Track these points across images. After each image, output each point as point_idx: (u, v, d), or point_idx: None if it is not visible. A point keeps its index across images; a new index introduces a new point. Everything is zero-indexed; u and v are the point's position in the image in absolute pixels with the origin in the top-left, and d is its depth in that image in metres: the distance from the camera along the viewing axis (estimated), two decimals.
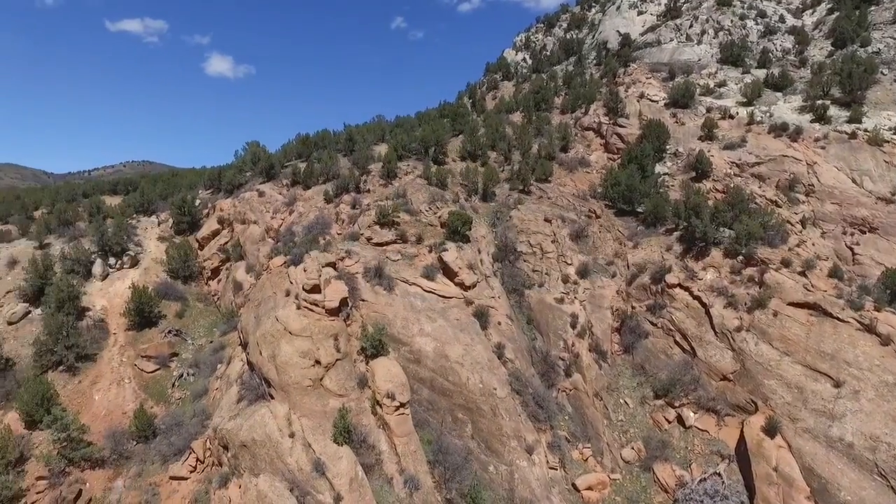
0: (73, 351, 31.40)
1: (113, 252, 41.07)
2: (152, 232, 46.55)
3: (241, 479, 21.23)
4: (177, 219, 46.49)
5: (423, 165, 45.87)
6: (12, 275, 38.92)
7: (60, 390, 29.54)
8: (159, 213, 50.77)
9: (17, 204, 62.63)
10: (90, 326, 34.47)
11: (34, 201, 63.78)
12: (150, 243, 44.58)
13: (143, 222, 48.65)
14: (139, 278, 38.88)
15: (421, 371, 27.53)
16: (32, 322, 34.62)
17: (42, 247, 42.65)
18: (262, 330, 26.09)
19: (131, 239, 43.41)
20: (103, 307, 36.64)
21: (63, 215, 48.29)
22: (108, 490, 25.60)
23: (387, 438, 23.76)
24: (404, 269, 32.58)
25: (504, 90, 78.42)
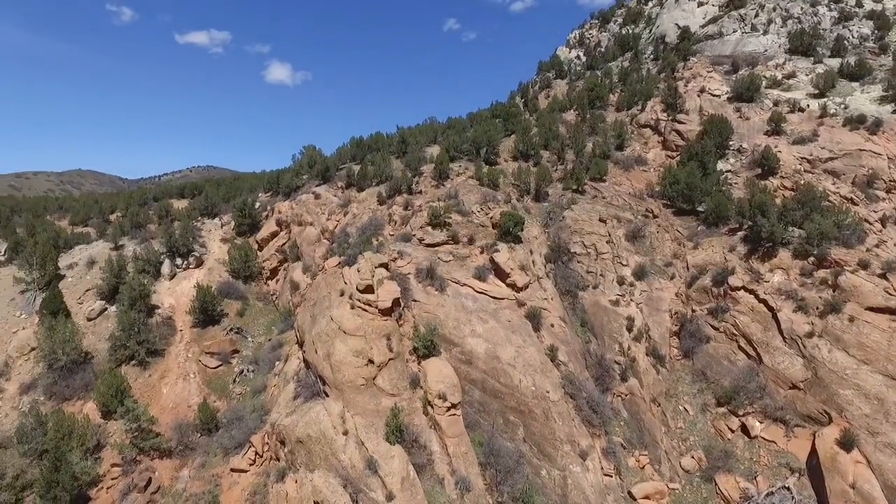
0: (143, 346, 33.30)
1: (180, 253, 43.27)
2: (216, 233, 48.70)
3: (297, 474, 21.82)
4: (238, 221, 48.43)
5: (475, 166, 45.79)
6: (91, 274, 41.74)
7: (132, 383, 31.34)
8: (222, 215, 53.09)
9: (95, 208, 67.16)
10: (159, 323, 36.41)
11: (110, 205, 68.20)
12: (213, 244, 46.67)
13: (207, 224, 51.01)
14: (203, 278, 40.71)
15: (472, 372, 27.44)
16: (108, 318, 36.97)
17: (117, 248, 45.48)
18: (317, 329, 26.72)
19: (196, 240, 45.57)
20: (171, 305, 38.61)
21: (135, 218, 51.39)
22: (175, 479, 26.92)
23: (438, 439, 23.81)
24: (456, 269, 32.59)
25: (557, 89, 77.21)
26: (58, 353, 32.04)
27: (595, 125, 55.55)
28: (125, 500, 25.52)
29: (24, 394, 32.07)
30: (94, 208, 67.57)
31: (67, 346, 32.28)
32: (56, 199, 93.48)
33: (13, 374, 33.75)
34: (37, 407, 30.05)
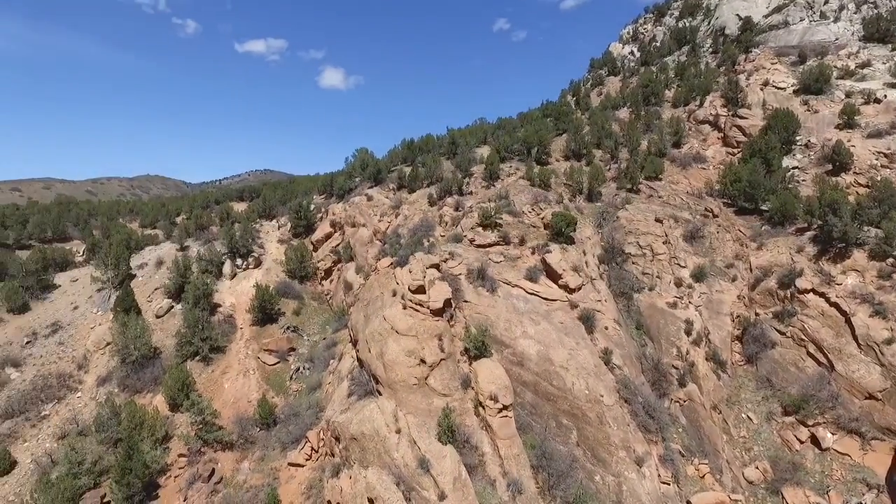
0: (207, 343, 34.91)
1: (240, 254, 45.10)
2: (273, 235, 50.45)
3: (351, 470, 22.28)
4: (294, 223, 49.99)
5: (526, 166, 45.44)
6: (159, 273, 44.13)
7: (197, 378, 32.89)
8: (279, 217, 54.96)
9: (162, 211, 70.98)
10: (221, 321, 38.05)
11: (176, 209, 71.93)
12: (271, 245, 48.36)
13: (265, 226, 52.92)
14: (262, 278, 42.25)
15: (524, 374, 27.22)
16: (175, 316, 38.97)
17: (182, 249, 47.87)
18: (370, 328, 27.21)
19: (255, 241, 47.37)
20: (232, 304, 40.27)
21: (199, 221, 53.98)
22: (236, 471, 28.05)
23: (489, 440, 23.75)
24: (507, 270, 32.44)
25: (610, 86, 75.55)
26: (130, 348, 34.07)
27: (650, 122, 54.02)
28: (191, 489, 26.80)
29: (100, 385, 34.27)
30: (162, 211, 71.49)
31: (138, 342, 34.26)
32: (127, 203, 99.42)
33: (91, 367, 36.13)
34: (112, 398, 32.06)
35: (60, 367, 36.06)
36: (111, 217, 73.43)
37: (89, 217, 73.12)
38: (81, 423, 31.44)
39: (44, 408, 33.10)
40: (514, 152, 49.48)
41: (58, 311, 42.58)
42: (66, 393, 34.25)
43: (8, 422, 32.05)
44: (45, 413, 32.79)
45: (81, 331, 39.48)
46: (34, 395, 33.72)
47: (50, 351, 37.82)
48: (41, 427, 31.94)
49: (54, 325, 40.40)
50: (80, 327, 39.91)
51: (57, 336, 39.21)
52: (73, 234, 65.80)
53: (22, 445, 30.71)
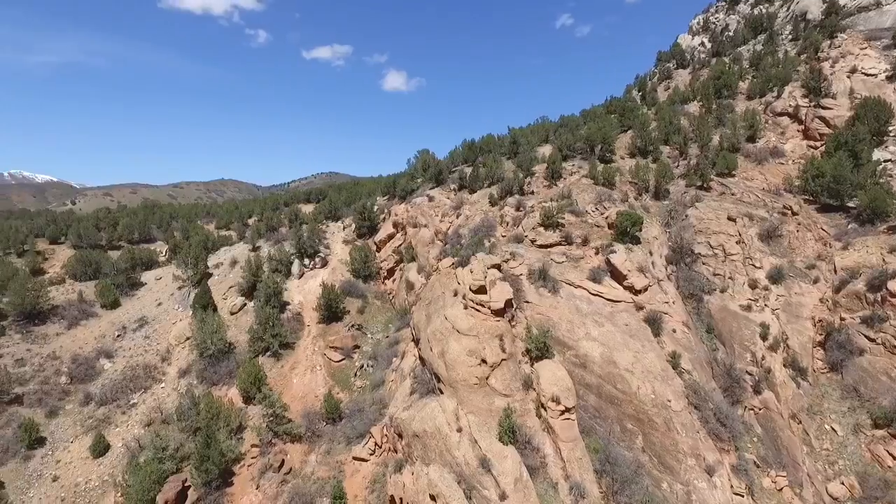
0: (277, 339, 36.52)
1: (307, 254, 46.86)
2: (338, 235, 52.08)
3: (413, 466, 22.66)
4: (358, 223, 51.36)
5: (589, 164, 44.50)
6: (233, 273, 46.59)
7: (268, 372, 34.49)
8: (344, 218, 56.65)
9: (235, 213, 74.81)
10: (290, 318, 39.69)
11: (248, 211, 75.61)
12: (336, 246, 49.94)
13: (330, 227, 54.71)
14: (328, 277, 43.71)
15: (587, 376, 26.71)
16: (248, 313, 41.01)
17: (254, 249, 50.30)
18: (431, 328, 27.54)
19: (321, 242, 49.06)
20: (300, 302, 41.91)
21: (269, 222, 56.54)
22: (304, 463, 29.19)
23: (551, 442, 23.48)
24: (569, 271, 31.92)
25: (678, 79, 72.60)
26: (207, 342, 36.20)
27: (722, 116, 51.51)
28: (263, 478, 28.17)
29: (181, 377, 36.63)
30: (235, 213, 75.43)
31: (215, 337, 36.36)
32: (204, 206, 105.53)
33: (173, 360, 38.68)
34: (191, 389, 34.21)
35: (146, 359, 38.86)
36: (190, 219, 78.25)
37: (171, 219, 78.25)
38: (165, 412, 33.77)
39: (132, 396, 35.78)
40: (576, 151, 48.57)
41: (144, 307, 45.90)
42: (151, 383, 36.87)
43: (102, 408, 34.91)
44: (133, 401, 35.43)
45: (164, 325, 42.35)
46: (124, 385, 36.56)
47: (137, 344, 40.83)
48: (130, 414, 34.56)
49: (141, 320, 43.57)
50: (164, 322, 42.81)
51: (143, 330, 42.27)
52: (157, 235, 70.65)
53: (114, 430, 33.35)
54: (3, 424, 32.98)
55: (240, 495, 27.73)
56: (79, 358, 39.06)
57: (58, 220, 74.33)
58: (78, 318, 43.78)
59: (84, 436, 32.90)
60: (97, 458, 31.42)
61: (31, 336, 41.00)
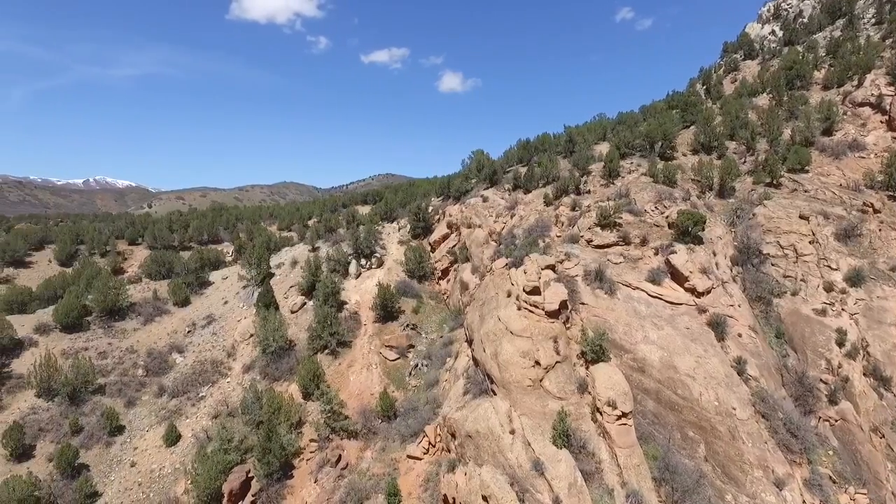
0: (334, 338, 37.54)
1: (364, 254, 47.91)
2: (394, 236, 52.92)
3: (466, 467, 22.72)
4: (413, 224, 51.99)
5: (648, 162, 43.12)
6: (294, 272, 48.25)
7: (326, 369, 35.50)
8: (399, 219, 57.51)
9: (296, 215, 77.43)
10: (347, 317, 40.69)
11: (308, 212, 78.09)
12: (391, 246, 50.77)
13: (386, 228, 55.67)
14: (384, 277, 44.49)
15: (645, 381, 25.90)
16: (307, 312, 42.36)
17: (314, 250, 51.90)
18: (485, 328, 27.51)
19: (377, 242, 50.01)
20: (356, 301, 42.89)
21: (328, 224, 58.17)
22: (360, 459, 29.84)
23: (607, 447, 22.92)
24: (627, 272, 31.06)
25: (746, 70, 69.08)
26: (269, 340, 37.68)
27: (794, 108, 48.59)
28: (321, 472, 29.03)
29: (245, 372, 38.30)
30: (296, 215, 78.11)
31: (276, 335, 37.78)
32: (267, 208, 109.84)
33: (238, 356, 40.50)
34: (255, 384, 35.71)
35: (214, 355, 40.89)
36: (254, 221, 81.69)
37: (236, 221, 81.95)
38: (230, 405, 35.42)
39: (201, 390, 37.73)
40: (635, 148, 47.17)
41: (211, 305, 48.32)
42: (218, 378, 38.76)
43: (174, 400, 37.02)
44: (202, 394, 37.37)
45: (230, 323, 44.43)
46: (193, 378, 38.63)
47: (205, 340, 43.03)
48: (199, 406, 36.46)
49: (209, 317, 45.89)
50: (229, 320, 44.92)
51: (211, 327, 44.50)
52: (224, 236, 74.20)
53: (185, 421, 35.28)
54: (88, 412, 35.58)
55: (299, 488, 28.70)
56: (153, 352, 41.62)
57: (135, 223, 79.52)
58: (153, 314, 46.64)
59: (158, 425, 35.00)
60: (170, 446, 33.36)
61: (112, 331, 44.03)
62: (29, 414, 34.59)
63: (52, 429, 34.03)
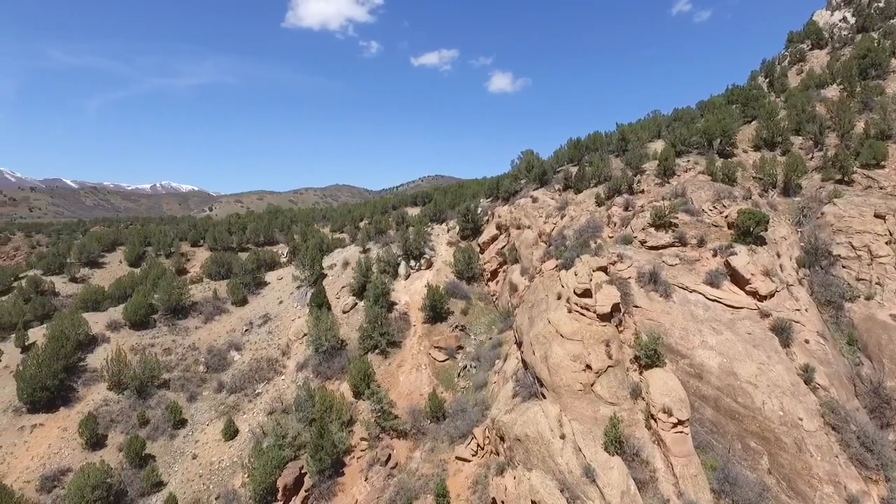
0: (384, 338, 38.02)
1: (413, 255, 48.31)
2: (443, 237, 53.12)
3: (515, 470, 22.48)
4: (462, 225, 52.01)
5: (706, 160, 41.39)
6: (345, 273, 49.22)
7: (376, 369, 36.01)
8: (448, 220, 57.68)
9: (348, 217, 78.96)
10: (396, 318, 41.14)
11: (359, 214, 79.50)
12: (441, 248, 50.97)
13: (435, 229, 55.96)
14: (433, 278, 44.72)
15: (703, 388, 24.85)
16: (358, 312, 43.12)
17: (364, 251, 52.77)
18: (534, 331, 27.14)
19: (427, 244, 50.32)
20: (406, 302, 43.30)
21: (378, 225, 59.04)
22: (409, 459, 30.07)
23: (662, 456, 22.13)
24: (683, 274, 29.91)
25: (813, 61, 65.27)
26: (321, 339, 38.57)
27: (868, 100, 45.47)
28: (371, 470, 29.45)
29: (299, 371, 39.36)
30: (348, 217, 79.68)
31: (328, 334, 38.64)
32: (320, 210, 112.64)
33: (292, 354, 41.68)
34: (307, 383, 36.63)
35: (269, 353, 42.25)
36: (308, 223, 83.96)
37: (291, 223, 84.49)
38: (285, 402, 36.50)
39: (257, 386, 39.06)
40: (691, 145, 45.39)
41: (267, 304, 49.96)
42: (273, 375, 40.02)
43: (232, 395, 38.50)
44: (258, 391, 38.67)
45: (285, 322, 45.79)
46: (250, 375, 40.04)
47: (262, 338, 44.52)
48: (256, 402, 37.75)
49: (265, 316, 47.46)
50: (284, 319, 46.30)
51: (267, 326, 46.01)
52: (279, 238, 76.64)
53: (242, 416, 36.62)
54: (154, 405, 37.52)
55: (350, 485, 29.22)
56: (213, 349, 43.43)
57: (197, 226, 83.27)
58: (213, 313, 48.70)
59: (217, 420, 36.49)
60: (228, 440, 34.70)
61: (176, 329, 46.27)
62: (102, 405, 36.81)
63: (122, 420, 36.10)
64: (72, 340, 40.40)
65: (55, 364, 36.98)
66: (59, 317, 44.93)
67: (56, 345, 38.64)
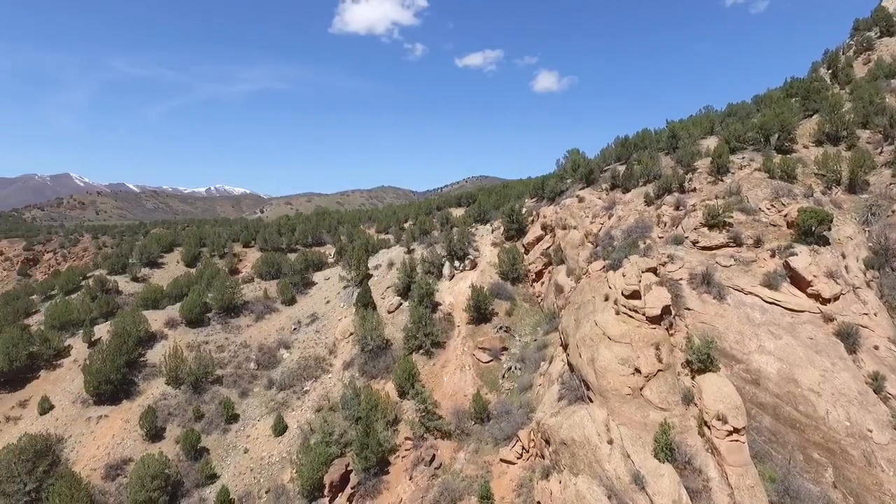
0: (429, 338, 38.16)
1: (457, 256, 48.32)
2: (487, 238, 52.89)
3: (561, 475, 22.08)
4: (506, 226, 51.64)
5: (763, 156, 39.56)
6: (390, 274, 49.72)
7: (420, 369, 36.16)
8: (492, 221, 57.40)
9: (393, 218, 79.85)
10: (441, 318, 41.22)
11: (404, 215, 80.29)
12: (485, 248, 50.76)
13: (479, 230, 55.81)
14: (477, 279, 44.59)
15: (760, 395, 23.72)
16: (403, 312, 43.45)
17: (409, 252, 53.17)
18: (581, 333, 26.61)
19: (471, 245, 50.22)
20: (450, 303, 43.34)
21: (423, 226, 59.39)
22: (453, 459, 30.03)
23: (716, 465, 21.24)
24: (738, 275, 28.67)
25: (882, 49, 61.40)
26: (367, 338, 39.08)
27: None
28: (415, 470, 29.59)
29: (345, 369, 40.01)
30: (392, 218, 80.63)
31: (374, 334, 39.11)
32: (366, 212, 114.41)
33: (338, 353, 42.42)
34: (353, 381, 37.18)
35: (317, 352, 43.16)
36: (354, 224, 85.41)
37: (338, 225, 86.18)
38: (331, 400, 37.17)
39: (305, 384, 39.95)
40: (747, 141, 43.47)
41: (315, 304, 51.05)
42: (320, 373, 40.85)
43: (282, 392, 39.52)
44: (306, 388, 39.56)
45: (332, 321, 46.66)
46: (299, 373, 41.00)
47: (309, 337, 45.53)
48: (304, 400, 38.62)
49: (312, 315, 48.51)
50: (331, 318, 47.19)
51: (314, 325, 47.01)
52: (326, 239, 78.28)
53: (291, 413, 37.52)
54: (208, 400, 38.97)
55: (395, 484, 29.46)
56: (264, 347, 44.74)
57: (249, 227, 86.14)
58: (263, 312, 50.19)
59: (267, 416, 37.53)
60: (277, 436, 35.64)
61: (229, 327, 47.92)
62: (160, 399, 38.52)
63: (179, 413, 37.66)
64: (133, 337, 42.50)
65: (118, 359, 38.98)
66: (122, 314, 47.37)
67: (119, 341, 40.73)
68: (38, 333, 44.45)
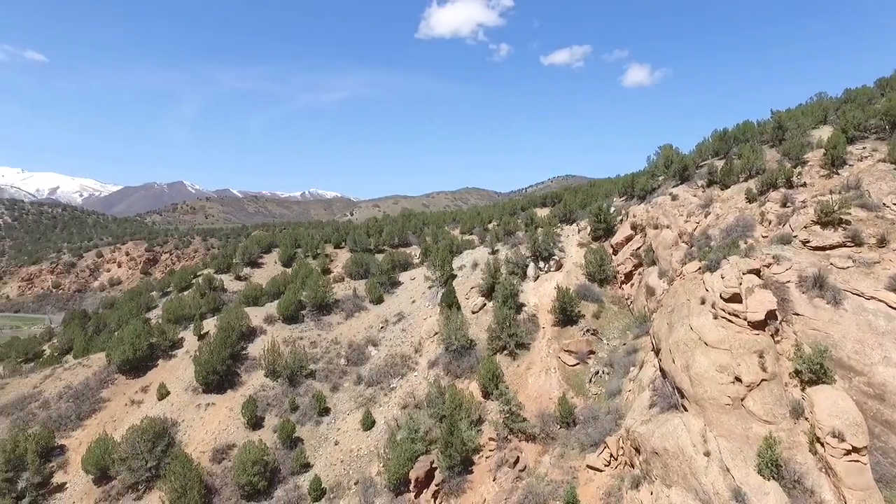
0: (513, 339, 37.89)
1: (542, 257, 47.60)
2: (573, 238, 51.65)
3: (652, 485, 21.07)
4: (593, 226, 50.14)
5: (888, 146, 35.47)
6: (474, 274, 49.92)
7: (504, 370, 35.99)
8: (579, 221, 55.99)
9: (477, 219, 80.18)
10: (525, 320, 40.78)
11: (488, 216, 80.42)
12: (571, 249, 49.61)
13: (565, 230, 54.64)
14: (562, 280, 43.66)
15: (886, 411, 21.27)
16: (486, 312, 43.47)
17: (493, 252, 53.12)
18: (674, 337, 25.26)
19: (556, 245, 49.28)
20: (535, 304, 42.75)
21: (507, 227, 59.18)
22: (538, 463, 29.57)
23: (832, 487, 19.29)
24: (857, 278, 25.89)
25: None
26: (451, 338, 39.47)
27: None
28: (499, 471, 29.46)
29: (430, 368, 40.68)
30: (476, 219, 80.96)
31: (458, 334, 39.44)
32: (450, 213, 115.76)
33: (424, 352, 43.20)
34: (438, 380, 37.71)
35: (403, 350, 44.22)
36: (439, 225, 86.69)
37: (423, 226, 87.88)
38: (417, 398, 37.94)
39: (392, 381, 41.06)
40: (867, 130, 39.15)
41: (401, 303, 52.35)
42: (406, 371, 41.81)
43: (370, 388, 40.90)
44: (392, 385, 40.64)
45: (417, 321, 47.62)
46: (386, 370, 42.23)
47: (396, 336, 46.75)
48: (391, 396, 39.71)
49: (399, 314, 49.78)
50: (416, 318, 48.16)
51: (401, 324, 48.20)
52: (412, 240, 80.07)
53: (378, 409, 38.73)
54: (302, 393, 41.16)
55: (478, 483, 29.50)
56: (353, 344, 46.54)
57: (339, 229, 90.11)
58: (352, 310, 52.23)
59: (356, 410, 39.00)
60: (366, 431, 36.93)
61: (321, 324, 50.35)
62: (260, 390, 41.22)
63: (276, 405, 40.10)
64: (236, 331, 45.86)
65: (223, 351, 42.22)
66: (227, 310, 51.27)
67: (224, 335, 44.09)
68: (156, 326, 49.20)
